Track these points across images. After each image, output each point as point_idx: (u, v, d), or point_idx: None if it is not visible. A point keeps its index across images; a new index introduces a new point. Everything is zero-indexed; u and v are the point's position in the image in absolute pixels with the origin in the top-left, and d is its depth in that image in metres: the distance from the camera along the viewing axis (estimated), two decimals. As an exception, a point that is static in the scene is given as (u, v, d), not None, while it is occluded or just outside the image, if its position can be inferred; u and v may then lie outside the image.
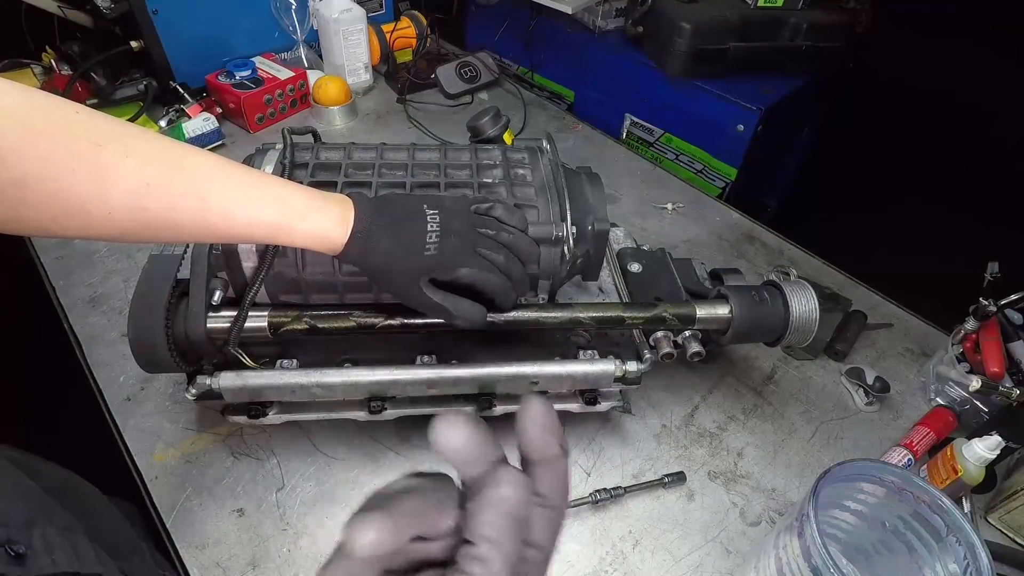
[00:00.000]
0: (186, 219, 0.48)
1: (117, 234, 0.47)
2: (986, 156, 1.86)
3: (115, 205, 0.45)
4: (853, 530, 0.66)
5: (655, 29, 1.60)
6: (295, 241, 0.53)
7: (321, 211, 0.54)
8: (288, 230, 0.52)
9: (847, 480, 0.60)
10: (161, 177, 0.46)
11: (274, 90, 1.32)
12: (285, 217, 0.52)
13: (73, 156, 0.43)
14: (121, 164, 0.44)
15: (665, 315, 0.70)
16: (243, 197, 0.50)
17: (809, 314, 0.72)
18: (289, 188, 0.54)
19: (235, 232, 0.51)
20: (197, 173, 0.49)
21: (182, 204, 0.48)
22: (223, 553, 0.68)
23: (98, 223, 0.45)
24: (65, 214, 0.44)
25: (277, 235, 0.52)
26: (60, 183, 0.42)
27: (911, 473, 0.58)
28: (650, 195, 1.28)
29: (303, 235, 0.53)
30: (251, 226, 0.51)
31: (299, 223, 0.53)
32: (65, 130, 0.43)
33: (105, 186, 0.44)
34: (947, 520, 0.56)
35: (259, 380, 0.66)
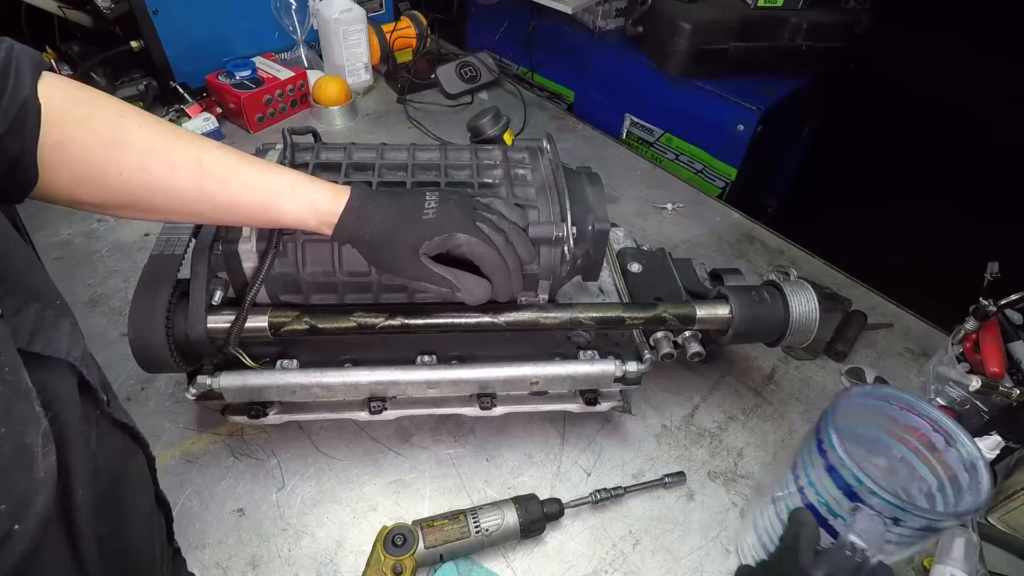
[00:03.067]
0: (185, 184, 0.52)
1: (126, 200, 0.52)
2: (986, 156, 1.87)
3: (125, 166, 0.50)
4: (861, 459, 0.68)
5: (655, 29, 1.60)
6: (287, 211, 0.55)
7: (314, 185, 0.56)
8: (280, 200, 0.54)
9: (860, 403, 0.62)
10: (165, 144, 0.52)
11: (274, 90, 1.32)
12: (278, 186, 0.54)
13: (102, 122, 0.49)
14: (135, 131, 0.51)
15: (665, 315, 0.70)
16: (238, 167, 0.54)
17: (809, 314, 0.72)
18: (286, 168, 0.57)
19: (230, 199, 0.53)
20: (198, 144, 0.53)
21: (181, 169, 0.52)
22: (223, 553, 0.68)
23: (112, 185, 0.50)
24: (88, 179, 0.49)
25: (269, 205, 0.54)
26: (87, 146, 0.48)
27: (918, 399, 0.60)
28: (650, 195, 1.28)
29: (296, 204, 0.54)
30: (244, 193, 0.53)
31: (291, 193, 0.55)
32: (98, 100, 0.50)
33: (121, 149, 0.50)
34: (949, 438, 0.58)
35: (260, 380, 0.66)
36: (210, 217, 0.56)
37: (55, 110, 0.46)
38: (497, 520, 0.67)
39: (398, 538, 0.65)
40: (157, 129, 0.52)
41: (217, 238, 0.64)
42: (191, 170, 0.52)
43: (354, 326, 0.65)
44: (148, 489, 0.49)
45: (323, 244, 0.64)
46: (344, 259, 0.65)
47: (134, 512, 0.44)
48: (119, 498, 0.42)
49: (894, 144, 2.06)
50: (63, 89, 0.48)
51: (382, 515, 0.72)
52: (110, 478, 0.40)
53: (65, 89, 0.48)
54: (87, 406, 0.38)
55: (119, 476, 0.42)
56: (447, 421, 0.82)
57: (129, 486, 0.44)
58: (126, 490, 0.43)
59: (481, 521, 0.67)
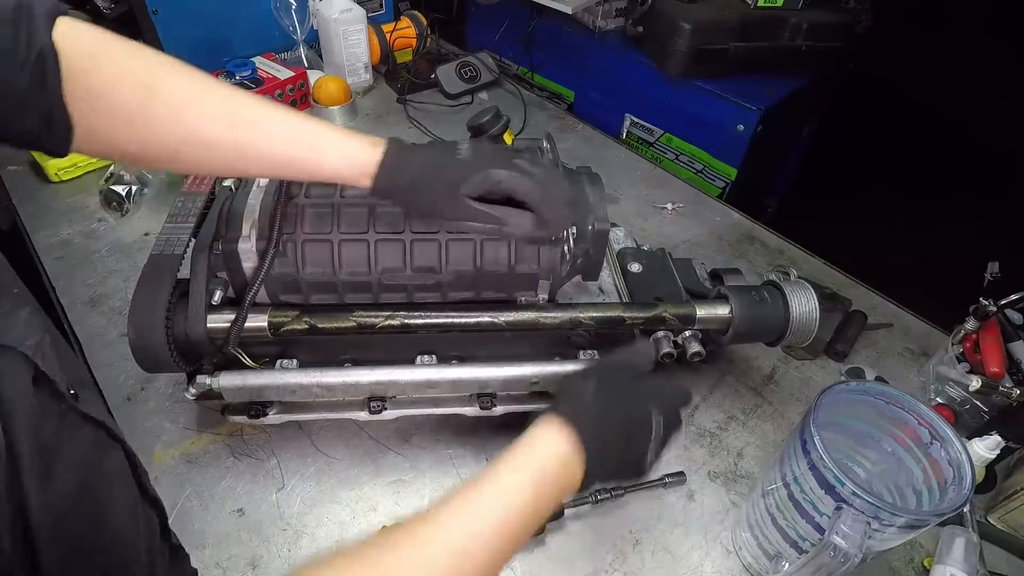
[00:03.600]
0: (219, 136, 0.51)
1: (167, 152, 0.51)
2: (986, 156, 1.87)
3: (159, 117, 0.49)
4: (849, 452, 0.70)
5: (655, 29, 1.60)
6: (324, 162, 0.54)
7: (350, 137, 0.55)
8: (317, 152, 0.54)
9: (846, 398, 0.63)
10: (198, 95, 0.51)
11: (274, 90, 1.32)
12: (314, 138, 0.54)
13: (133, 70, 0.49)
14: (167, 81, 0.50)
15: (665, 315, 0.70)
16: (274, 118, 0.53)
17: (809, 314, 0.72)
18: (319, 120, 0.56)
19: (266, 151, 0.53)
20: (231, 95, 0.52)
21: (215, 121, 0.51)
22: (223, 553, 0.68)
23: (149, 136, 0.50)
24: (126, 128, 0.49)
25: (306, 157, 0.54)
26: (120, 95, 0.48)
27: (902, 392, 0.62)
28: (650, 195, 1.28)
29: (333, 155, 0.54)
30: (280, 145, 0.53)
31: (328, 145, 0.54)
32: (128, 48, 0.50)
33: (153, 99, 0.49)
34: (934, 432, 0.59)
35: (259, 380, 0.66)
36: (246, 170, 0.56)
37: (83, 56, 0.46)
38: (497, 520, 0.67)
39: (398, 538, 0.65)
40: (190, 79, 0.51)
41: (217, 237, 0.64)
42: (225, 122, 0.51)
43: (354, 326, 0.65)
44: (129, 484, 0.47)
45: (323, 244, 0.64)
46: (344, 258, 0.65)
47: (114, 508, 0.43)
48: (95, 494, 0.41)
49: (894, 144, 2.06)
50: (89, 35, 0.47)
51: (382, 515, 0.72)
52: (83, 473, 0.39)
53: (91, 35, 0.48)
54: (44, 398, 0.37)
55: (93, 471, 0.41)
56: (447, 421, 0.82)
57: (106, 482, 0.43)
58: (103, 485, 0.42)
59: (481, 521, 0.67)
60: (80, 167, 1.16)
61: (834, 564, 0.52)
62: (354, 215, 0.65)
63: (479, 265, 0.66)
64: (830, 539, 0.52)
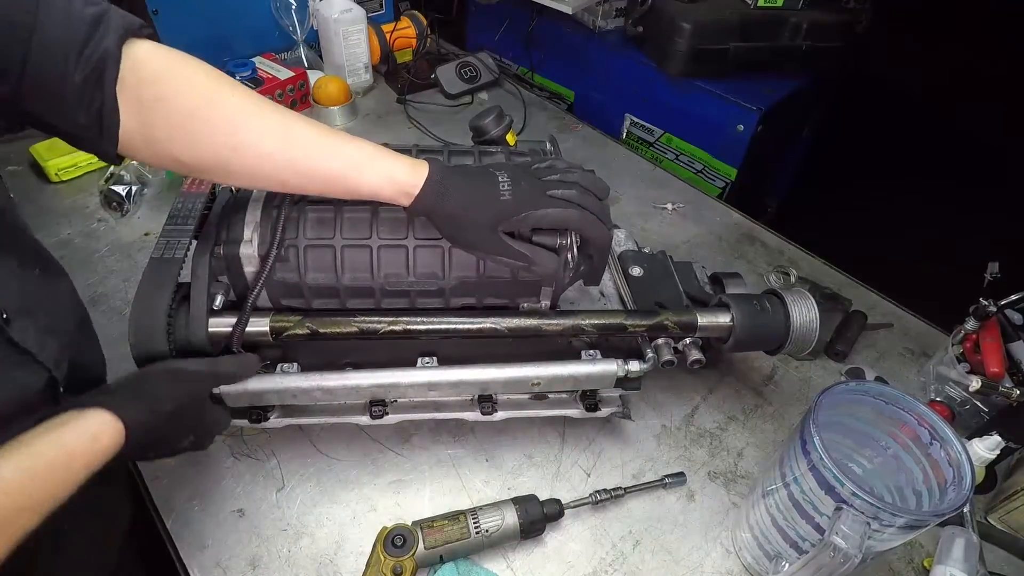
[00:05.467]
0: (271, 149, 0.54)
1: (219, 161, 0.54)
2: (985, 156, 1.86)
3: (217, 128, 0.53)
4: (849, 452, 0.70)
5: (655, 29, 1.60)
6: (364, 180, 0.56)
7: (392, 157, 0.57)
8: (358, 170, 0.56)
9: (845, 398, 0.63)
10: (254, 111, 0.55)
11: (274, 90, 1.32)
12: (358, 156, 0.56)
13: (197, 84, 0.54)
14: (227, 96, 0.54)
15: (667, 323, 0.70)
16: (321, 136, 0.56)
17: (810, 324, 0.72)
18: (365, 140, 0.58)
19: (312, 167, 0.56)
20: (283, 113, 0.56)
21: (268, 135, 0.54)
22: (223, 553, 0.68)
23: (206, 145, 0.53)
24: (184, 136, 0.53)
25: (347, 174, 0.56)
26: (184, 104, 0.52)
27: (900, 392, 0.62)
28: (650, 195, 1.28)
29: (374, 174, 0.56)
30: (325, 161, 0.56)
31: (370, 163, 0.56)
32: (196, 65, 0.55)
33: (213, 111, 0.53)
34: (934, 432, 0.59)
35: (259, 384, 0.66)
36: (292, 184, 0.58)
37: (154, 68, 0.51)
38: (497, 521, 0.67)
39: (398, 539, 0.65)
40: (246, 96, 0.55)
41: (218, 241, 0.64)
42: (277, 137, 0.54)
43: (356, 331, 0.65)
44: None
45: (325, 249, 0.64)
46: (346, 263, 0.65)
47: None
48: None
49: (894, 144, 2.06)
50: (163, 53, 0.53)
51: (382, 515, 0.72)
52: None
53: (165, 53, 0.53)
54: None
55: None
56: (447, 422, 0.82)
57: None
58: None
59: (481, 522, 0.67)
60: (80, 167, 1.16)
61: (834, 564, 0.52)
62: (357, 220, 0.65)
63: (482, 271, 0.66)
64: (830, 539, 0.52)
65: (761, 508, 0.65)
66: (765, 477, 0.66)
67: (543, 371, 0.69)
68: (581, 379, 0.70)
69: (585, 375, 0.70)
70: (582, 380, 0.71)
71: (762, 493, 0.65)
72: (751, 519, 0.68)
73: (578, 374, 0.69)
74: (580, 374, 0.69)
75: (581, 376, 0.70)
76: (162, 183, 1.14)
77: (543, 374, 0.69)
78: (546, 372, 0.69)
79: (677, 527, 0.74)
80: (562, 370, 0.69)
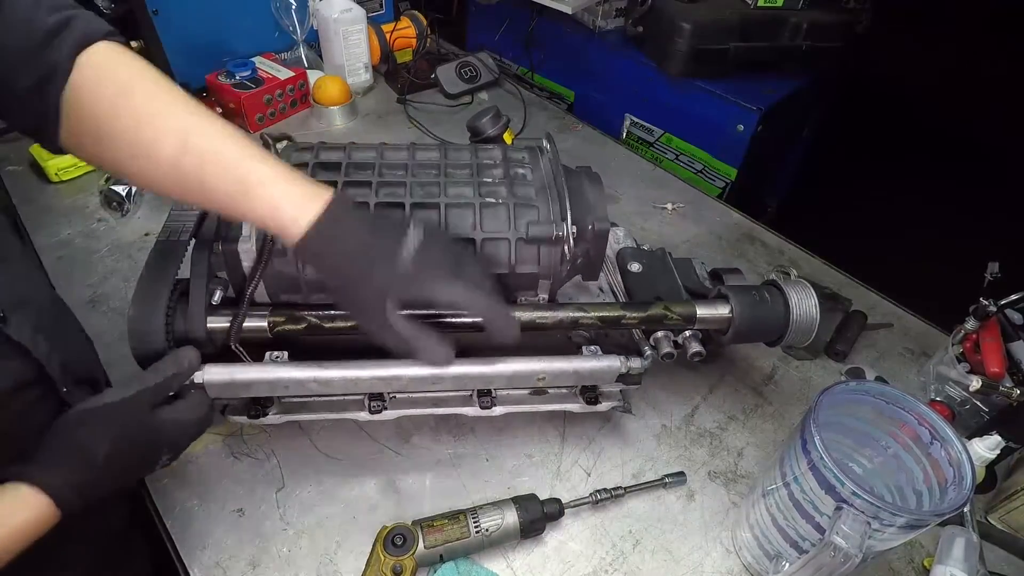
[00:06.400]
0: (164, 155, 0.49)
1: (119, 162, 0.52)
2: (985, 156, 1.87)
3: (123, 127, 0.50)
4: (849, 452, 0.70)
5: (655, 29, 1.60)
6: (250, 208, 0.49)
7: (288, 185, 0.49)
8: (246, 195, 0.49)
9: (845, 398, 0.63)
10: (160, 109, 0.50)
11: (274, 90, 1.32)
12: (253, 176, 0.49)
13: (118, 84, 0.50)
14: (139, 95, 0.51)
15: (665, 314, 0.70)
16: (222, 149, 0.50)
17: (809, 313, 0.72)
18: (274, 159, 0.51)
19: (201, 182, 0.50)
20: (193, 116, 0.51)
21: (165, 139, 0.50)
22: (223, 553, 0.68)
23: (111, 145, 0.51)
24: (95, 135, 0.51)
25: (237, 195, 0.49)
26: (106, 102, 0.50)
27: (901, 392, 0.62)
28: (650, 195, 1.28)
29: (260, 203, 0.49)
30: (216, 178, 0.49)
31: (259, 188, 0.48)
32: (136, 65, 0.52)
33: (122, 110, 0.50)
34: (934, 432, 0.59)
35: (248, 374, 0.63)
36: (189, 198, 0.53)
37: (100, 75, 0.50)
38: (497, 520, 0.67)
39: (398, 538, 0.65)
40: (159, 94, 0.51)
41: (217, 238, 0.64)
42: (174, 142, 0.49)
43: (353, 325, 0.65)
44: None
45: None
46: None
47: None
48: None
49: (894, 144, 2.06)
50: (118, 60, 0.51)
51: (382, 515, 0.72)
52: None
53: (121, 61, 0.51)
54: None
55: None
56: (447, 421, 0.82)
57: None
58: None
59: (481, 521, 0.67)
60: (80, 167, 1.16)
61: (834, 564, 0.52)
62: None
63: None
64: (830, 539, 0.52)
65: (761, 508, 0.65)
66: (765, 477, 0.66)
67: (547, 366, 0.68)
68: (584, 374, 0.70)
69: (588, 370, 0.70)
70: (585, 375, 0.70)
71: (762, 493, 0.65)
72: (751, 519, 0.68)
73: (582, 369, 0.69)
74: (584, 369, 0.69)
75: (584, 371, 0.70)
76: (162, 183, 1.14)
77: (547, 368, 0.68)
78: (550, 367, 0.68)
79: (677, 527, 0.74)
80: (565, 365, 0.69)
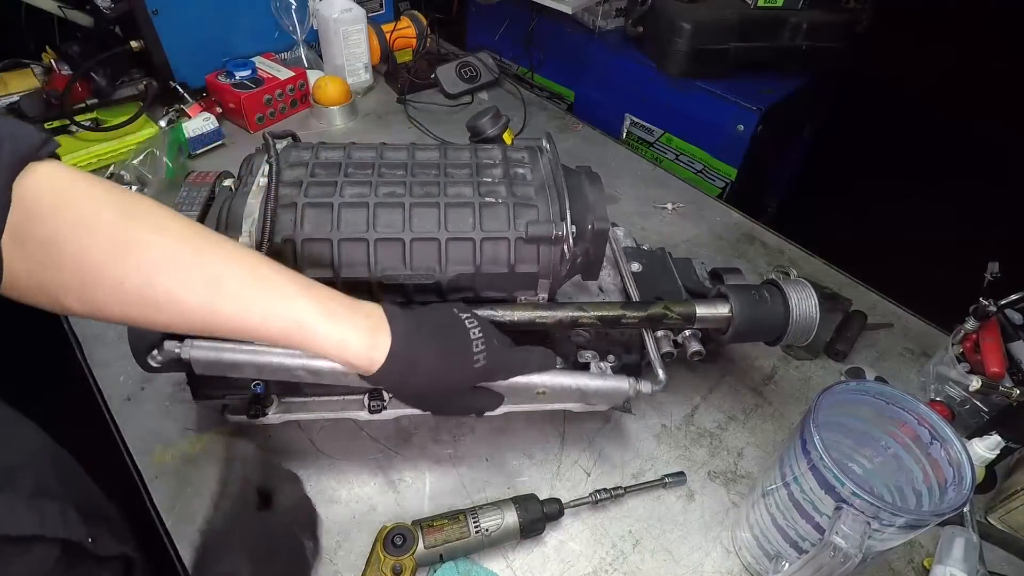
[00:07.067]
0: (196, 303, 0.45)
1: (126, 313, 0.45)
2: (986, 156, 1.86)
3: (128, 277, 0.44)
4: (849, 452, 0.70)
5: (655, 29, 1.60)
6: (314, 346, 0.48)
7: (347, 318, 0.49)
8: (304, 331, 0.47)
9: (845, 398, 0.63)
10: (182, 257, 0.45)
11: (274, 90, 1.32)
12: (304, 314, 0.47)
13: (103, 222, 0.43)
14: (145, 236, 0.44)
15: (665, 314, 0.70)
16: (262, 286, 0.47)
17: (809, 312, 0.72)
18: (316, 287, 0.50)
19: (244, 325, 0.47)
20: (221, 256, 0.47)
21: (196, 287, 0.45)
22: (223, 553, 0.68)
23: (107, 295, 0.44)
24: (80, 285, 0.43)
25: (292, 334, 0.48)
26: (83, 248, 0.43)
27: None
28: (650, 195, 1.28)
29: (324, 340, 0.48)
30: (265, 319, 0.47)
31: (319, 325, 0.48)
32: (104, 196, 0.44)
33: (125, 257, 0.44)
34: (934, 432, 0.59)
35: (235, 355, 0.60)
36: (223, 335, 0.49)
37: (46, 204, 0.42)
38: (497, 520, 0.67)
39: (398, 538, 0.65)
40: (164, 235, 0.45)
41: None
42: (207, 289, 0.45)
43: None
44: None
45: (322, 244, 0.64)
46: (343, 258, 0.65)
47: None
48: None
49: (894, 144, 2.06)
50: (61, 180, 0.43)
51: (382, 515, 0.72)
52: None
53: (63, 180, 0.43)
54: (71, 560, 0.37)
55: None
56: (447, 421, 0.82)
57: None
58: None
59: (481, 521, 0.67)
60: (80, 167, 1.16)
61: (834, 564, 0.52)
62: (354, 215, 0.65)
63: (479, 265, 0.66)
64: (830, 539, 0.52)
65: (761, 508, 0.65)
66: (765, 477, 0.66)
67: (552, 380, 0.65)
68: (590, 393, 0.68)
69: (595, 390, 0.67)
70: (591, 394, 0.68)
71: (762, 493, 0.65)
72: (751, 519, 0.68)
73: (588, 388, 0.67)
74: (590, 388, 0.67)
75: (591, 390, 0.67)
76: (162, 183, 1.14)
77: (548, 384, 0.65)
78: (554, 381, 0.65)
79: (677, 527, 0.74)
80: (572, 382, 0.66)
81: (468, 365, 0.52)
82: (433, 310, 0.57)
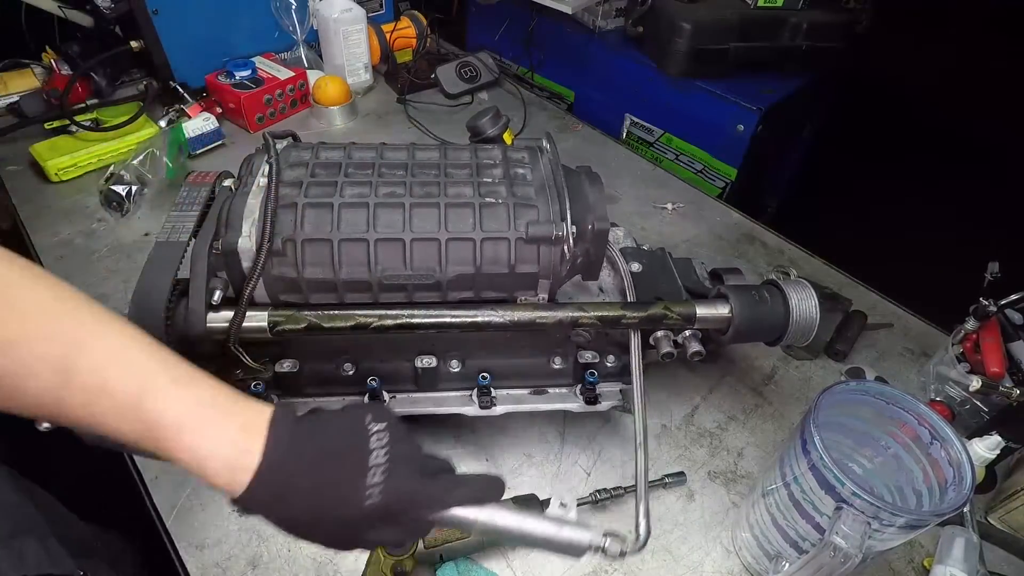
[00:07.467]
0: (48, 382, 0.37)
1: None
2: (986, 156, 1.86)
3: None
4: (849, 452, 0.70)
5: (655, 29, 1.60)
6: (168, 455, 0.39)
7: (217, 424, 0.39)
8: (168, 433, 0.38)
9: (845, 398, 0.63)
10: (29, 319, 0.38)
11: (274, 90, 1.32)
12: (157, 413, 0.38)
13: None
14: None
15: (665, 314, 0.70)
16: (122, 360, 0.39)
17: (809, 313, 0.72)
18: (193, 375, 0.40)
19: (102, 409, 0.38)
20: (75, 327, 0.39)
21: (46, 364, 0.37)
22: (223, 553, 0.68)
23: None
24: None
25: (157, 434, 0.39)
26: None
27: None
28: (650, 195, 1.28)
29: (180, 451, 0.39)
30: (127, 413, 0.38)
31: (173, 432, 0.38)
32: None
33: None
34: (934, 432, 0.59)
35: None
36: (68, 424, 0.40)
37: None
38: (497, 520, 0.67)
39: (398, 538, 0.65)
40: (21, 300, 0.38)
41: (217, 237, 0.64)
42: (55, 371, 0.37)
43: (353, 325, 0.65)
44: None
45: (322, 244, 0.64)
46: (344, 258, 0.65)
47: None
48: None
49: (894, 144, 2.06)
50: None
51: (382, 515, 0.72)
52: None
53: None
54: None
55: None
56: (447, 420, 0.81)
57: None
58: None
59: (481, 521, 0.66)
60: (80, 167, 1.16)
61: (834, 564, 0.52)
62: (354, 215, 0.65)
63: (479, 265, 0.66)
64: (830, 539, 0.52)
65: (761, 508, 0.65)
66: (765, 477, 0.66)
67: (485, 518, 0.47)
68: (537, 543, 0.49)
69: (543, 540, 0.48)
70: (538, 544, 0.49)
71: (762, 493, 0.65)
72: (751, 519, 0.68)
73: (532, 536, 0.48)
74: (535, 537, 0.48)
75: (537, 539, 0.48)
76: (162, 183, 1.14)
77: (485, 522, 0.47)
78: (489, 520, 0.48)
79: (677, 527, 0.74)
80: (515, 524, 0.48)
81: (354, 501, 0.40)
82: (336, 420, 0.44)
